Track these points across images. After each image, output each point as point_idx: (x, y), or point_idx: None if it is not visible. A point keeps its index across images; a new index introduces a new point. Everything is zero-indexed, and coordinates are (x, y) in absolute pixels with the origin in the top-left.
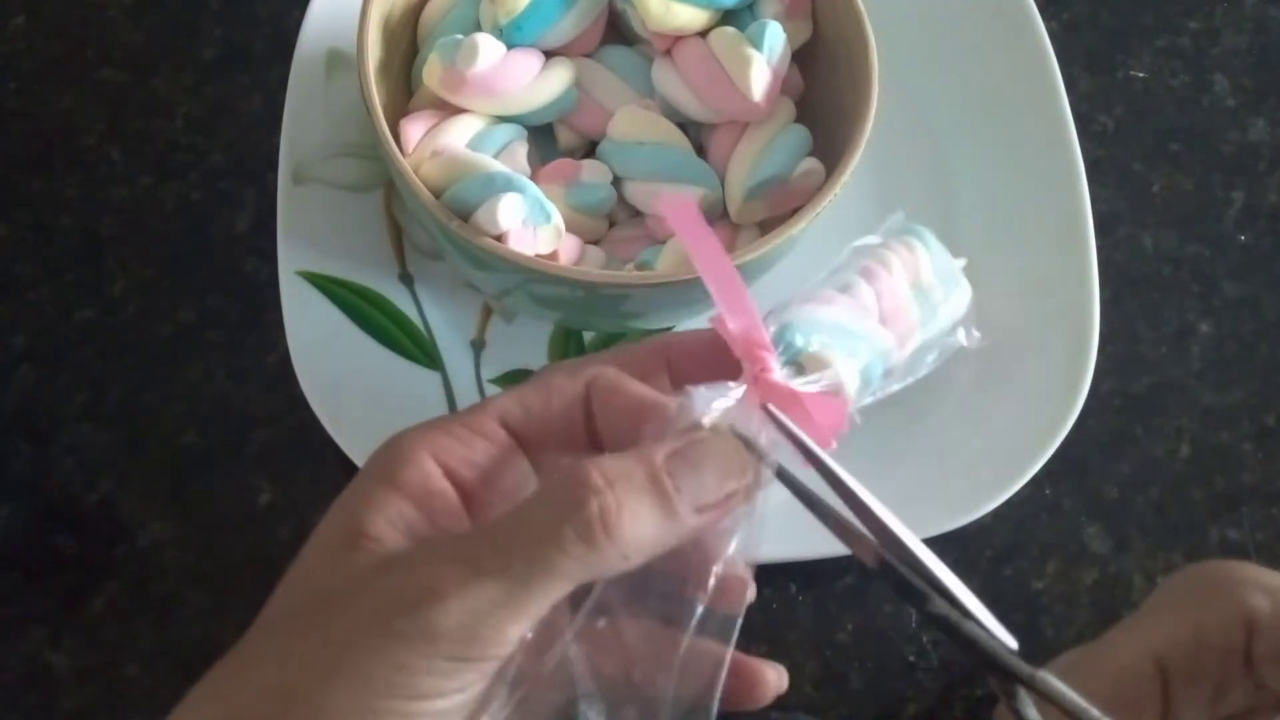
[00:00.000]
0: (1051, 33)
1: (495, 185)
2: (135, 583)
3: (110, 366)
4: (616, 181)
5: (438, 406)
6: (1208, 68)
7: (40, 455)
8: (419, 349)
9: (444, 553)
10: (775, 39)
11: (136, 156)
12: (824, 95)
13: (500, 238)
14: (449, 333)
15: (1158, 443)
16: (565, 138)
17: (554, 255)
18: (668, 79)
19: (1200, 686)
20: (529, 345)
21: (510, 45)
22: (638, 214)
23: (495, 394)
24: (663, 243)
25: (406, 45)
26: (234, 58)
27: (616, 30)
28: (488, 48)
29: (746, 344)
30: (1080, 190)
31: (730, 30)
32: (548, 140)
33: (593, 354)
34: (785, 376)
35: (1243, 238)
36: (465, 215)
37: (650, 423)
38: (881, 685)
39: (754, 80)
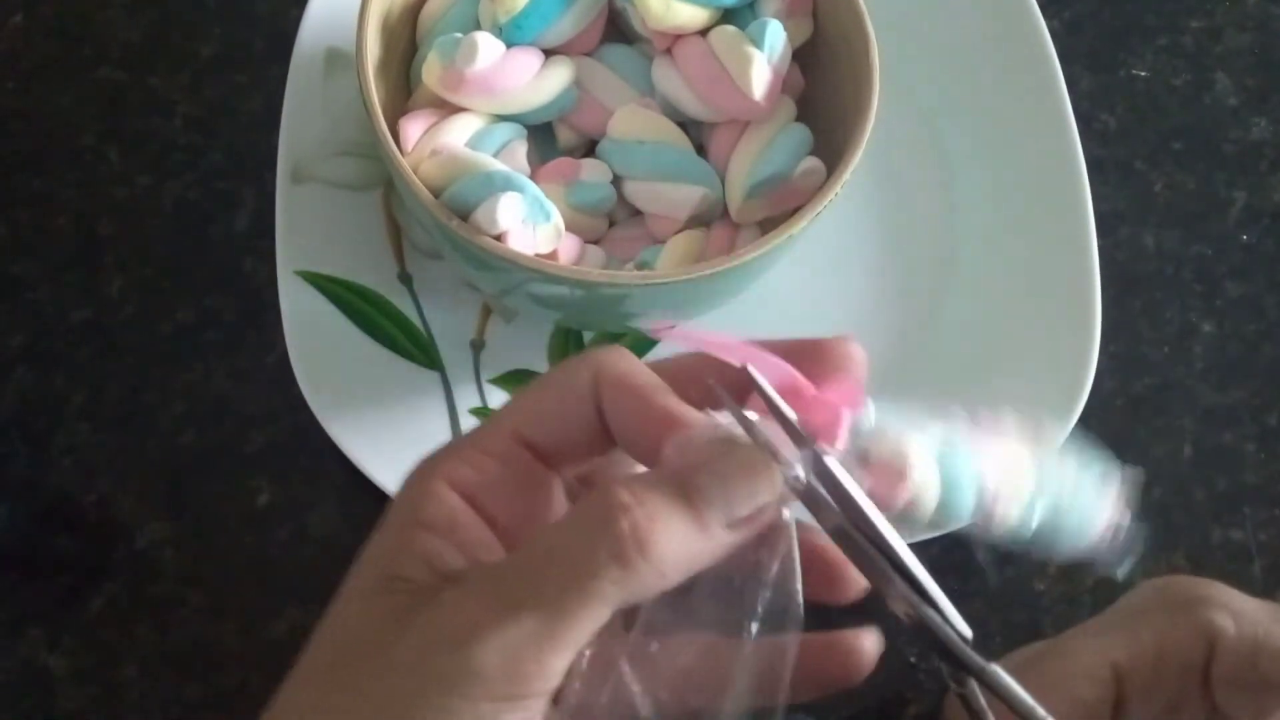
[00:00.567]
0: (1053, 31)
1: (494, 184)
2: (133, 583)
3: (108, 366)
4: (616, 181)
5: (437, 407)
6: (1210, 67)
7: (38, 455)
8: (418, 349)
9: (476, 588)
10: (776, 37)
11: (134, 156)
12: (825, 94)
13: (500, 237)
14: (448, 333)
15: (1160, 443)
16: (565, 137)
17: (553, 255)
18: (668, 78)
19: (1155, 700)
20: (528, 345)
21: (510, 44)
22: (638, 213)
23: (507, 404)
24: (663, 243)
25: (405, 44)
26: (233, 57)
27: (616, 29)
28: (487, 46)
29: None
30: (1082, 189)
31: (731, 29)
32: (547, 139)
33: (607, 346)
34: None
35: (1245, 237)
36: (464, 214)
37: (674, 437)
38: (882, 686)
39: (754, 79)
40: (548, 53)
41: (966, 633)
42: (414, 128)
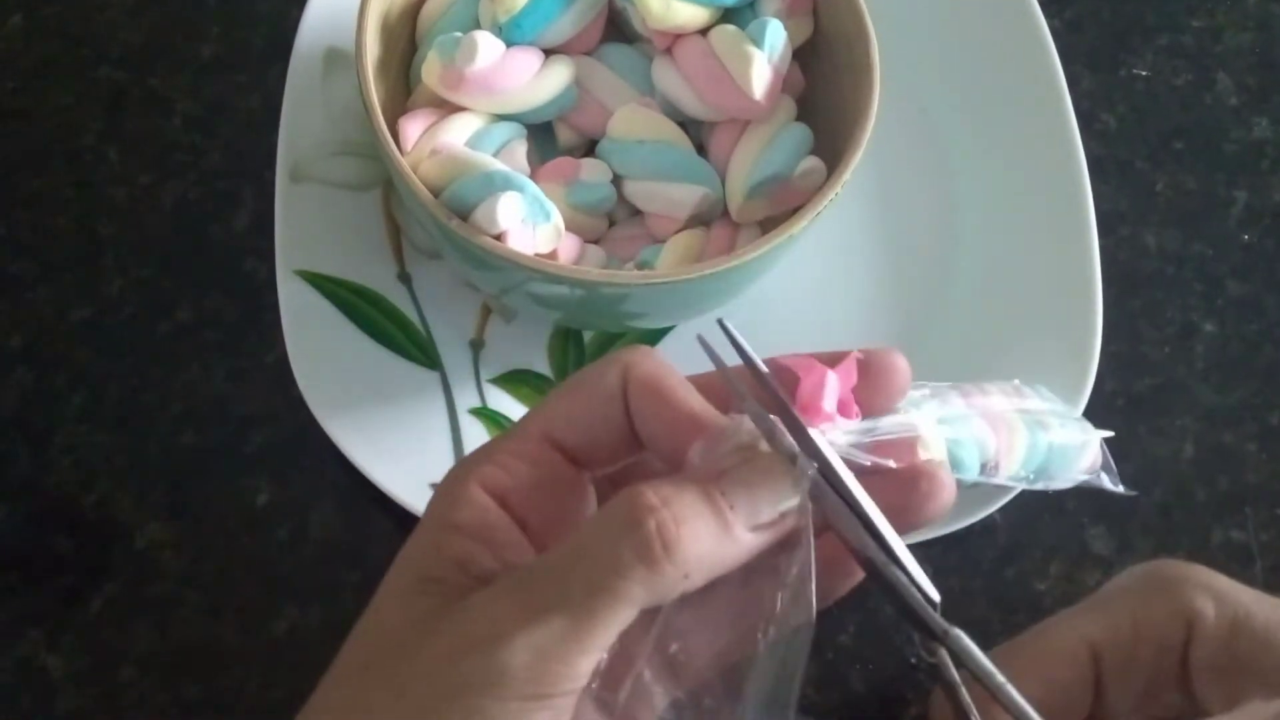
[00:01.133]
0: (1054, 31)
1: (494, 184)
2: (133, 584)
3: (108, 367)
4: (616, 180)
5: (437, 406)
6: (1211, 66)
7: (37, 456)
8: (418, 349)
9: (505, 590)
10: (776, 37)
11: (134, 155)
12: (825, 93)
13: (499, 237)
14: (448, 332)
15: (1161, 443)
16: (565, 136)
17: (553, 254)
18: (668, 77)
19: (1133, 680)
20: (528, 345)
21: (509, 43)
22: (638, 213)
23: (538, 405)
24: (663, 242)
25: (405, 43)
26: (232, 56)
27: (616, 28)
28: (487, 46)
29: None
30: (1083, 189)
31: (731, 28)
32: (547, 139)
33: (634, 346)
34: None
35: (1246, 237)
36: (464, 214)
37: (699, 441)
38: (883, 687)
39: (755, 78)
40: (547, 52)
41: (934, 595)
42: (413, 127)
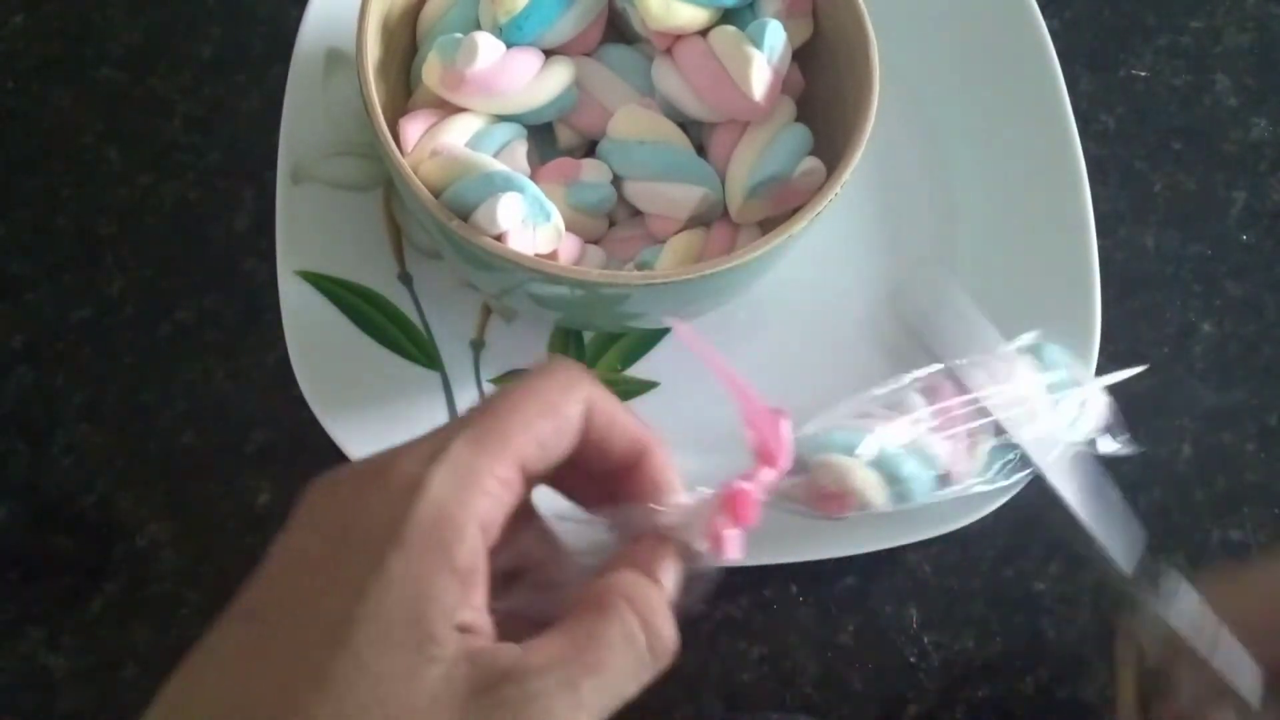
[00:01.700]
0: (1053, 31)
1: (494, 184)
2: (133, 584)
3: (108, 367)
4: (616, 181)
5: (437, 406)
6: (1210, 67)
7: (38, 456)
8: (418, 349)
9: (548, 688)
10: (776, 38)
11: (134, 156)
12: (825, 94)
13: (500, 237)
14: (448, 333)
15: (1160, 443)
16: (565, 137)
17: (553, 255)
18: (668, 78)
19: None
20: (529, 345)
21: (510, 44)
22: (638, 213)
23: (508, 423)
24: (663, 243)
25: (405, 44)
26: (232, 57)
27: (616, 29)
28: (487, 46)
29: (758, 446)
30: (1082, 189)
31: (731, 29)
32: (547, 139)
33: (579, 372)
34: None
35: (1245, 237)
36: (464, 215)
37: (660, 509)
38: (882, 686)
39: (754, 79)
40: (548, 53)
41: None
42: (414, 128)
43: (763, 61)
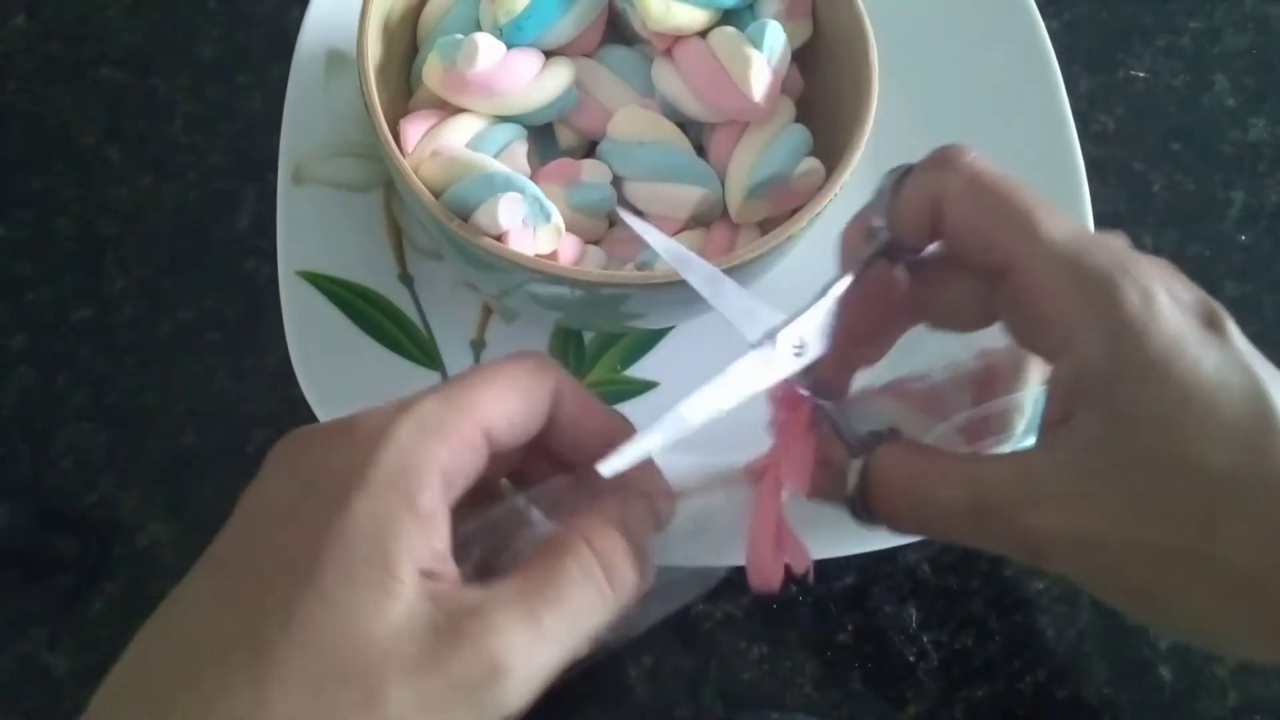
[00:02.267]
0: (1052, 32)
1: (495, 185)
2: (134, 583)
3: (109, 367)
4: (617, 181)
5: None
6: (1208, 67)
7: (39, 455)
8: (419, 349)
9: (509, 620)
10: (775, 39)
11: (135, 156)
12: (824, 95)
13: (500, 237)
14: (449, 333)
15: None
16: (565, 137)
17: (554, 255)
18: (668, 79)
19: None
20: (529, 345)
21: (510, 45)
22: (638, 214)
23: (476, 391)
24: None
25: (406, 45)
26: (233, 58)
27: (616, 30)
28: (488, 47)
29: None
30: (1081, 190)
31: (730, 30)
32: (548, 140)
33: (545, 361)
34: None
35: (1243, 238)
36: (465, 215)
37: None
38: (882, 686)
39: (754, 80)
40: (548, 54)
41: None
42: (415, 129)
43: (762, 62)
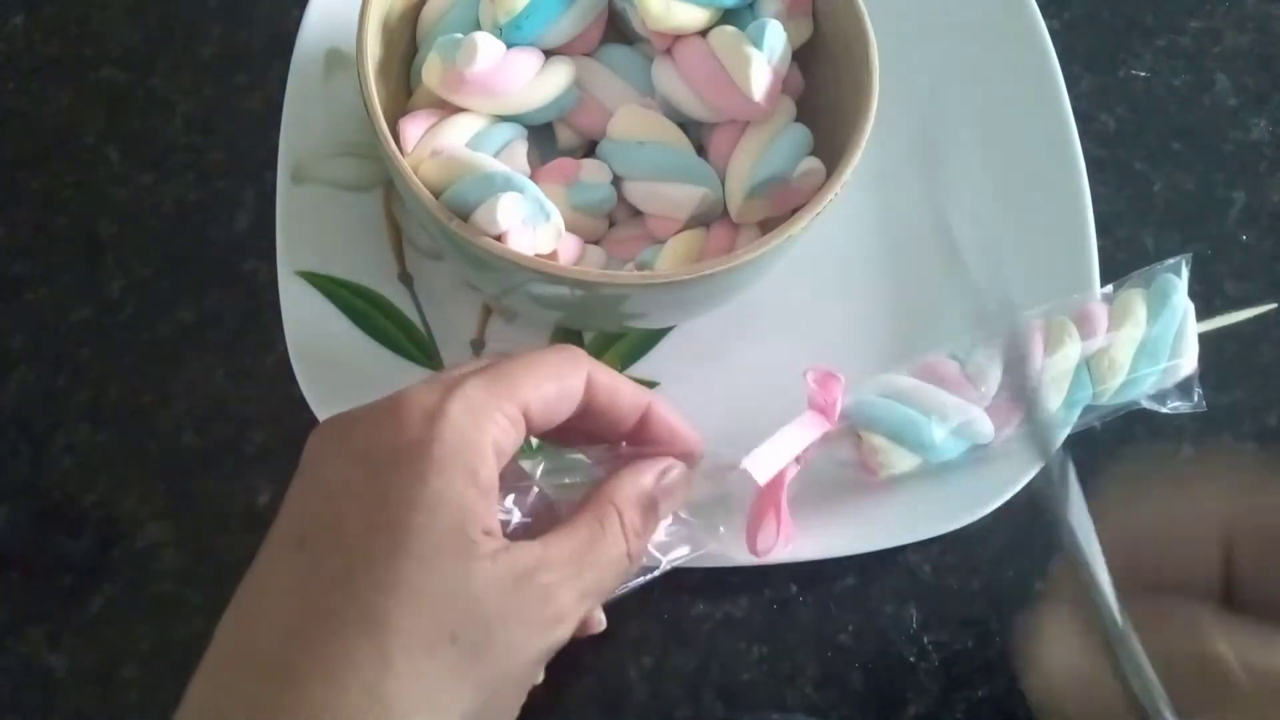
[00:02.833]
0: (1053, 31)
1: (495, 185)
2: (134, 583)
3: (109, 367)
4: (616, 181)
5: None
6: (1209, 67)
7: (38, 455)
8: (418, 349)
9: (564, 578)
10: (776, 38)
11: (135, 156)
12: (825, 94)
13: (500, 237)
14: (449, 333)
15: (1158, 443)
16: (565, 137)
17: (553, 255)
18: (668, 78)
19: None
20: (529, 345)
21: (510, 44)
22: (638, 213)
23: (518, 374)
24: (663, 243)
25: (406, 45)
26: (233, 57)
27: (616, 29)
28: (487, 47)
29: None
30: (1081, 189)
31: (731, 29)
32: (548, 140)
33: (573, 350)
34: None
35: (1244, 237)
36: (464, 215)
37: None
38: (882, 686)
39: (754, 79)
40: (548, 53)
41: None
42: (414, 128)
43: (763, 62)
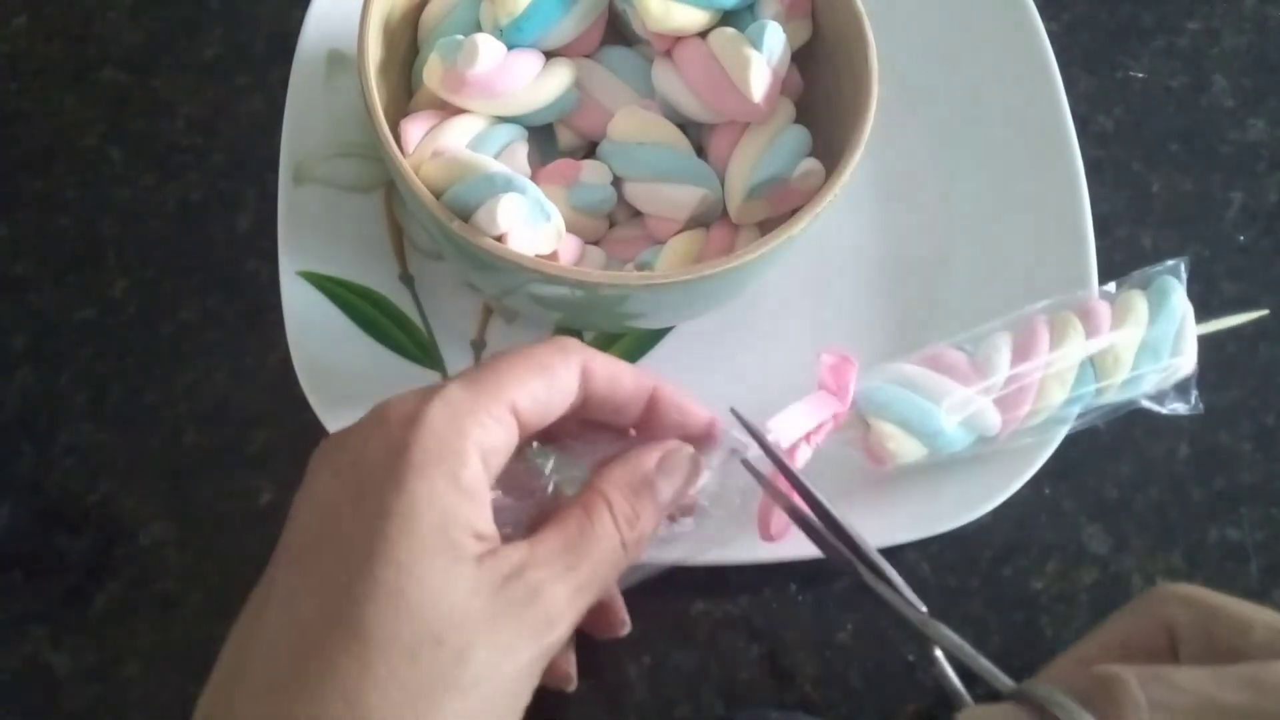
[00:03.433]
0: (1051, 33)
1: (495, 185)
2: (136, 583)
3: (111, 367)
4: (616, 182)
5: None
6: (1207, 68)
7: (41, 455)
8: (419, 349)
9: (554, 574)
10: (775, 39)
11: (137, 157)
12: (824, 95)
13: (500, 238)
14: (449, 333)
15: (1157, 443)
16: (565, 138)
17: (554, 256)
18: (668, 79)
19: None
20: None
21: (510, 46)
22: (638, 214)
23: (508, 371)
24: (663, 243)
25: (407, 46)
26: (235, 58)
27: (616, 31)
28: (488, 48)
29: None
30: (1080, 190)
31: (730, 31)
32: (548, 140)
33: (575, 343)
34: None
35: (1242, 238)
36: (465, 216)
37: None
38: (881, 685)
39: (754, 81)
40: (548, 55)
41: (920, 607)
42: (415, 129)
43: (762, 63)
